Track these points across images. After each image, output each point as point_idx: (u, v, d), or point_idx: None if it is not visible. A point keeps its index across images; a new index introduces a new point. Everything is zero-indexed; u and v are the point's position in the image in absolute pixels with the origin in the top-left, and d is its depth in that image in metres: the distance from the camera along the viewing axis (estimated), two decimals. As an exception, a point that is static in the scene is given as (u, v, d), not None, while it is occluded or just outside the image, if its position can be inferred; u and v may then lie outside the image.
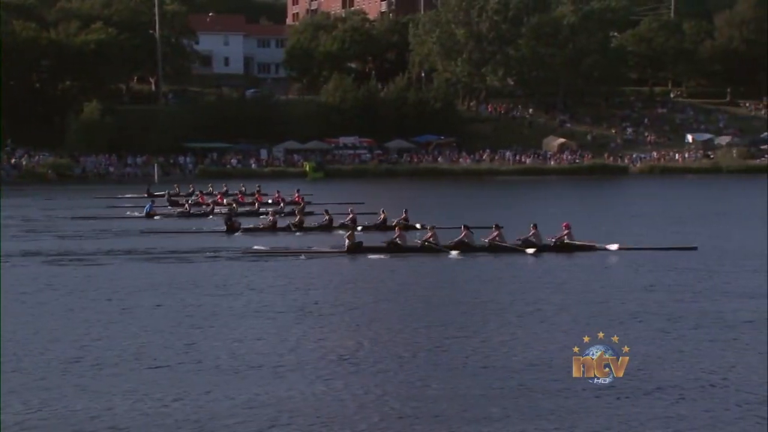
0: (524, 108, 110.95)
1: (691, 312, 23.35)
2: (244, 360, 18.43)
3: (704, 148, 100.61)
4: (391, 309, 24.07)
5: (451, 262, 32.60)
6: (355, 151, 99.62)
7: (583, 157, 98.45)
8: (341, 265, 32.25)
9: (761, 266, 30.41)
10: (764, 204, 54.56)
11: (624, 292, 26.13)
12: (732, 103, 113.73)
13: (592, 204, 61.75)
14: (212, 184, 65.74)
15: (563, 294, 25.70)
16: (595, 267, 31.11)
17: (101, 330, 21.05)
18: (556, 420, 14.84)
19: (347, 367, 18.01)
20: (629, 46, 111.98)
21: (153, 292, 25.93)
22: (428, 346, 19.60)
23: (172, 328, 21.42)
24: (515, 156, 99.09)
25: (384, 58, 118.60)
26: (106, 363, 18.11)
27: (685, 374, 17.22)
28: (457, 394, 16.15)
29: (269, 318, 22.79)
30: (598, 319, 22.10)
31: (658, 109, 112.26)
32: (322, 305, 24.47)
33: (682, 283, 27.85)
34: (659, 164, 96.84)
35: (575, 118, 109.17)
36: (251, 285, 27.54)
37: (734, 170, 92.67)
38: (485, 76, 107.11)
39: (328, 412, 15.23)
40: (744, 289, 26.69)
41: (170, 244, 36.70)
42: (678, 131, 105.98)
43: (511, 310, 23.58)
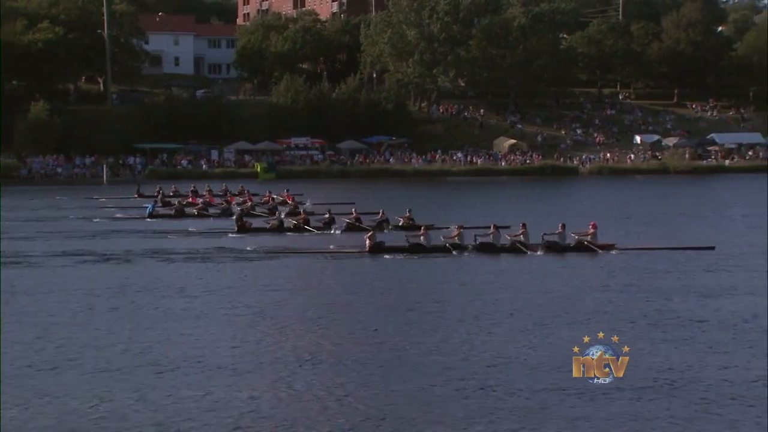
0: (475, 109, 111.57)
1: (645, 311, 23.78)
2: (208, 361, 18.45)
3: (652, 149, 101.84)
4: (366, 310, 24.17)
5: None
6: (306, 151, 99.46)
7: (533, 157, 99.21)
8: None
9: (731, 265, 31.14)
10: (715, 203, 55.60)
11: (596, 292, 26.49)
12: (679, 104, 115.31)
13: (553, 203, 62.21)
14: (194, 184, 65.33)
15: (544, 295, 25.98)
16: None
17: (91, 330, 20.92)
18: (518, 420, 15.05)
19: (312, 368, 18.10)
20: (579, 48, 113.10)
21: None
22: (395, 348, 19.75)
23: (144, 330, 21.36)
24: (466, 157, 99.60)
25: (335, 58, 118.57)
26: (68, 365, 18.03)
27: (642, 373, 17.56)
28: (420, 395, 16.30)
29: (232, 319, 22.81)
30: (558, 320, 22.44)
31: (607, 111, 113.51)
32: (294, 306, 24.58)
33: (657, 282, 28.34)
34: (608, 165, 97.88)
35: (526, 119, 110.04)
36: (210, 286, 27.50)
37: (681, 171, 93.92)
38: (436, 77, 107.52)
39: (291, 414, 15.30)
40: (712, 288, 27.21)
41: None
42: (626, 132, 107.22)
43: (485, 311, 23.79)
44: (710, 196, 70.85)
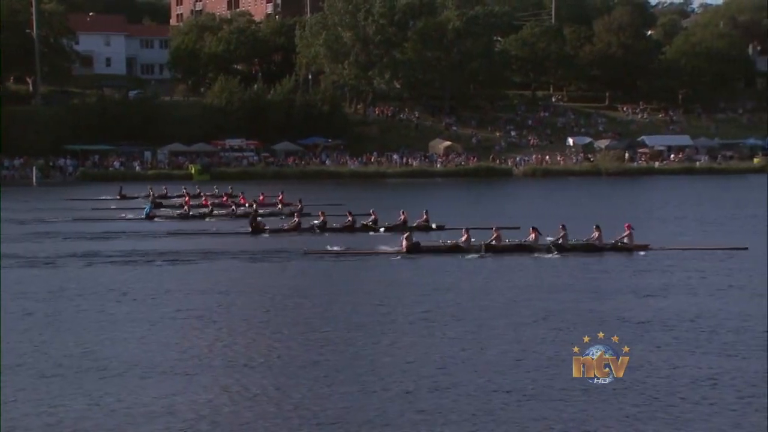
0: (411, 111, 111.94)
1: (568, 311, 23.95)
2: (147, 364, 18.14)
3: (584, 151, 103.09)
4: (333, 312, 24.03)
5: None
6: (241, 153, 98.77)
7: (468, 159, 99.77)
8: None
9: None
10: (646, 203, 56.40)
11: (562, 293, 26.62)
12: (610, 107, 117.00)
13: (491, 204, 62.57)
14: (186, 186, 65.04)
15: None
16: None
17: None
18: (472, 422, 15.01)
19: (267, 371, 17.93)
20: (512, 51, 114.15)
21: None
22: (340, 351, 19.63)
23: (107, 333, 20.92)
24: (402, 158, 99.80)
25: (270, 60, 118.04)
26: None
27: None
28: (372, 397, 16.20)
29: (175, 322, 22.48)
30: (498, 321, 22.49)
31: (541, 113, 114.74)
32: (270, 308, 24.43)
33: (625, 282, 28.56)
34: (542, 166, 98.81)
35: (461, 121, 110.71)
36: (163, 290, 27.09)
37: (613, 172, 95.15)
38: (372, 78, 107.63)
39: (244, 419, 15.11)
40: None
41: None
42: (559, 134, 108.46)
43: (447, 313, 23.79)
44: (644, 197, 71.90)
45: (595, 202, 63.35)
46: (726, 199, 65.42)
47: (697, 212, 52.86)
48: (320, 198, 58.90)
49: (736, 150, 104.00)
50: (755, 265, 31.76)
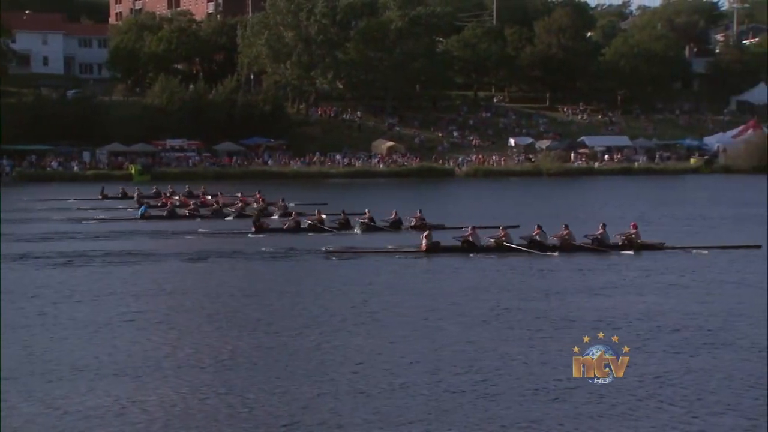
0: (353, 111, 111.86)
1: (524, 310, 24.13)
2: (97, 366, 17.92)
3: (526, 152, 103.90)
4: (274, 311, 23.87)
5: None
6: (183, 153, 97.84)
7: (411, 159, 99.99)
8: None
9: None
10: (587, 203, 56.99)
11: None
12: (551, 107, 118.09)
13: (434, 204, 62.69)
14: (171, 185, 65.11)
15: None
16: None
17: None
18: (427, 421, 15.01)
19: (211, 372, 17.80)
20: (454, 52, 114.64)
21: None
22: (294, 351, 19.55)
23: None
24: (345, 158, 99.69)
25: (212, 59, 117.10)
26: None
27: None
28: (310, 398, 16.16)
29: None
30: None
31: (483, 113, 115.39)
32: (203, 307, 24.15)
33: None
34: (484, 167, 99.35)
35: (404, 122, 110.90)
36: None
37: (554, 173, 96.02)
38: (314, 79, 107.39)
39: (179, 419, 14.96)
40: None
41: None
42: (501, 135, 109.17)
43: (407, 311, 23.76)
44: (584, 196, 72.65)
45: (539, 202, 63.83)
46: (666, 199, 66.43)
47: (642, 211, 53.43)
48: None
49: (674, 150, 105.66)
50: (700, 264, 32.37)
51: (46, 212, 53.63)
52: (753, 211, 52.80)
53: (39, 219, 49.55)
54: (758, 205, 57.68)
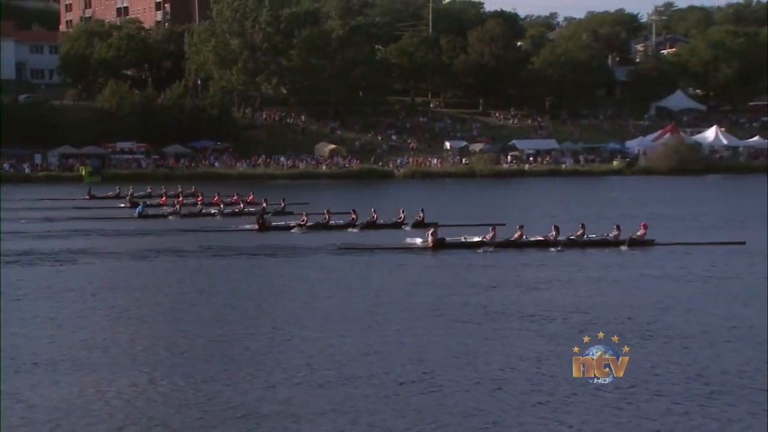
0: (297, 115, 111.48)
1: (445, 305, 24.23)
2: (61, 359, 17.59)
3: (460, 154, 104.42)
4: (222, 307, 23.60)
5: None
6: (132, 155, 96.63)
7: (352, 161, 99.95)
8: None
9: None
10: (520, 203, 57.43)
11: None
12: (484, 113, 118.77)
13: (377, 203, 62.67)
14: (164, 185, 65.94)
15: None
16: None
17: None
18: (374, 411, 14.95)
19: (168, 366, 17.53)
20: (393, 59, 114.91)
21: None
22: (252, 346, 19.39)
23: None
24: (289, 161, 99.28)
25: (160, 66, 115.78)
26: None
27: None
28: (264, 390, 16.03)
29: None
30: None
31: (420, 118, 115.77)
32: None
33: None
34: (421, 168, 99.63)
35: (345, 125, 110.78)
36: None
37: (486, 174, 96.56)
38: (260, 84, 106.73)
39: (140, 411, 14.74)
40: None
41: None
42: (437, 138, 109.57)
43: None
44: (515, 197, 73.28)
45: (478, 202, 64.29)
46: (596, 198, 67.18)
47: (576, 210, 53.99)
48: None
49: (598, 153, 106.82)
50: (627, 259, 32.81)
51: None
52: (676, 210, 53.64)
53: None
54: (678, 204, 58.79)
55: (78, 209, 54.78)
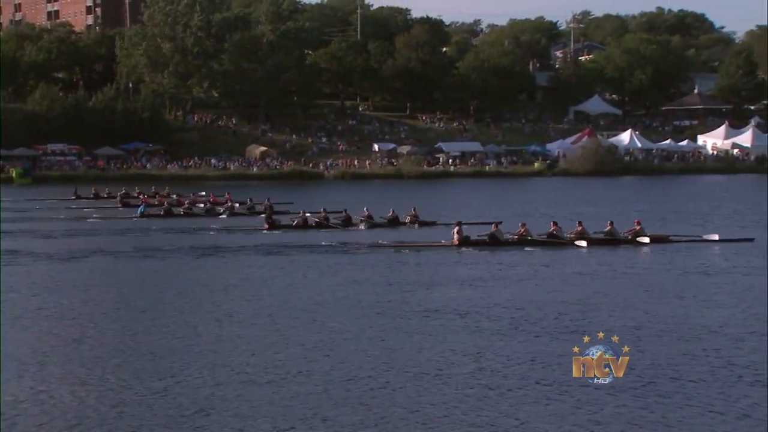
0: (228, 118, 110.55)
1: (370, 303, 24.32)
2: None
3: (389, 156, 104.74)
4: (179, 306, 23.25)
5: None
6: (64, 157, 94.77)
7: (282, 163, 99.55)
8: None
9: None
10: (451, 203, 57.82)
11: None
12: (411, 116, 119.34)
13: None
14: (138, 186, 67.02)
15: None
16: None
17: None
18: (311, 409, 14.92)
19: (101, 364, 17.22)
20: (322, 64, 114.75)
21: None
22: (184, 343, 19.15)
23: None
24: (220, 163, 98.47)
25: (92, 69, 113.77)
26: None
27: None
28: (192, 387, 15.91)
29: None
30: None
31: (349, 121, 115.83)
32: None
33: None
34: (350, 170, 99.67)
35: (276, 128, 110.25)
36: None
37: (414, 176, 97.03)
38: (191, 87, 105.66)
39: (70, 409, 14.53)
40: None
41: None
42: (366, 141, 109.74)
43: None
44: (445, 197, 73.70)
45: (407, 202, 64.42)
46: (519, 198, 67.99)
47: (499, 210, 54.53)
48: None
49: (520, 155, 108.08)
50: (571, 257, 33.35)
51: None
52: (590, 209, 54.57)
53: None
54: (597, 203, 59.87)
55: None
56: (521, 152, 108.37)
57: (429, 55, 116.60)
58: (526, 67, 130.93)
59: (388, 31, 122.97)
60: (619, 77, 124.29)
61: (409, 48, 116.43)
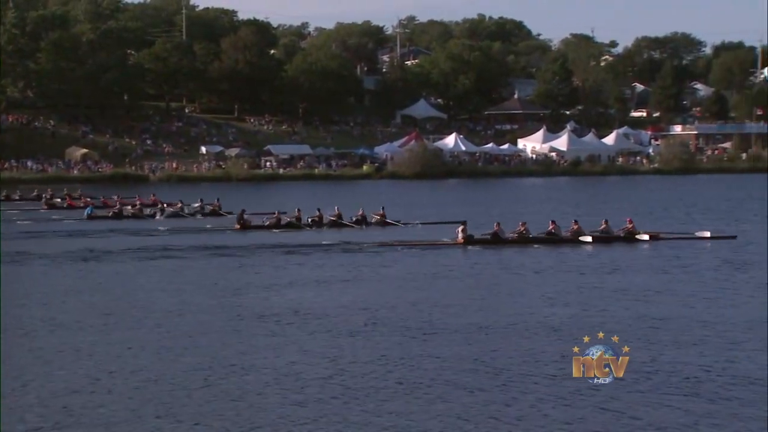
0: (46, 119, 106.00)
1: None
2: None
3: (216, 159, 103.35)
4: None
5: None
6: None
7: (105, 166, 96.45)
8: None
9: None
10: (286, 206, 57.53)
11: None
12: (239, 118, 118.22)
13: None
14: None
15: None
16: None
17: None
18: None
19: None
20: (146, 64, 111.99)
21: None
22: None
23: None
24: (38, 165, 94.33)
25: None
26: None
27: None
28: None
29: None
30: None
31: (175, 123, 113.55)
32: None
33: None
34: (177, 173, 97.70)
35: (98, 130, 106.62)
36: None
37: (242, 178, 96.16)
38: (5, 87, 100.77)
39: None
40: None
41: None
42: (193, 143, 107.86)
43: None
44: (274, 199, 73.21)
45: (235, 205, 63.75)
46: (354, 200, 68.33)
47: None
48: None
49: (349, 158, 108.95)
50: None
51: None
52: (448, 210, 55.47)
53: None
54: (425, 205, 61.10)
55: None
56: (350, 155, 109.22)
57: (256, 57, 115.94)
58: (354, 71, 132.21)
59: (214, 33, 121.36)
60: (444, 82, 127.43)
61: (236, 50, 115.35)
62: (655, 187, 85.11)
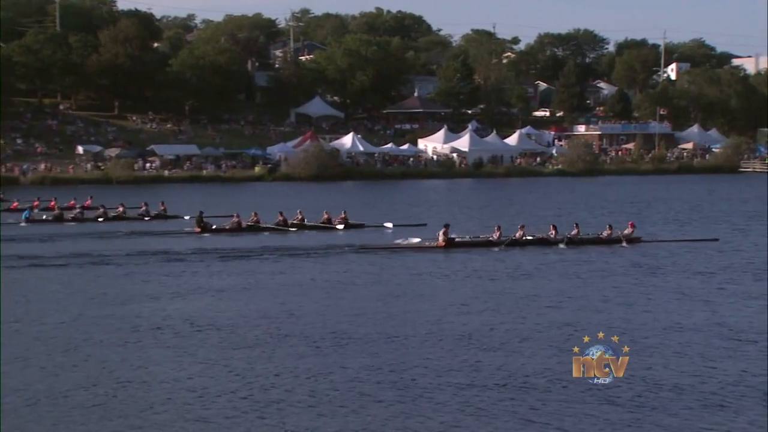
0: None
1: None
2: None
3: (95, 159, 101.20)
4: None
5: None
6: None
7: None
8: None
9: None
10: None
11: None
12: (120, 116, 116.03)
13: None
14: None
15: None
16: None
17: None
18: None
19: None
20: (16, 57, 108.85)
21: None
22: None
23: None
24: None
25: None
26: None
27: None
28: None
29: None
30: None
31: (49, 121, 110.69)
32: None
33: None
34: (51, 174, 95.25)
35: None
36: None
37: (123, 180, 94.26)
38: None
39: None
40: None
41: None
42: (69, 143, 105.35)
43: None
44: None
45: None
46: (242, 202, 67.89)
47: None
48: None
49: (240, 159, 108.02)
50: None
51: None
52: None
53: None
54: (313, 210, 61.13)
55: None
56: (241, 156, 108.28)
57: (139, 50, 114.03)
58: (245, 66, 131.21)
59: (91, 24, 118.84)
60: (340, 79, 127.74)
61: (115, 42, 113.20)
62: (560, 188, 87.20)
